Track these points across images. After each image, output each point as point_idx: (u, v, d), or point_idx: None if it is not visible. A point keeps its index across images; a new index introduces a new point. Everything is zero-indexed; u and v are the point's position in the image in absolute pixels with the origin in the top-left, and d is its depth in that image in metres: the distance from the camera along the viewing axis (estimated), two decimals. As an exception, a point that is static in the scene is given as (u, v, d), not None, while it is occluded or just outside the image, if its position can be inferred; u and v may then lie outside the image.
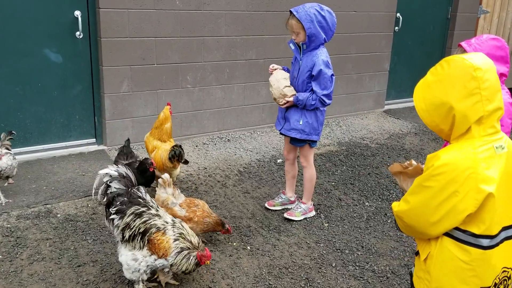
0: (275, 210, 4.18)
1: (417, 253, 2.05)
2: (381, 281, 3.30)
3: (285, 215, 4.05)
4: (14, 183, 4.29)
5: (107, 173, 3.03)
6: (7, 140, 4.09)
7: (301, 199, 4.15)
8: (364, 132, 6.45)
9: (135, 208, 2.93)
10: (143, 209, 2.94)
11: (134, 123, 5.35)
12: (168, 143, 4.32)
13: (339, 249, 3.65)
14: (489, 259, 1.86)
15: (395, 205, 2.03)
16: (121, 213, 2.94)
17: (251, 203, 4.30)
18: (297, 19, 3.59)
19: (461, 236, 1.86)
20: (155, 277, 3.11)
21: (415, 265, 2.11)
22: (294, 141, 3.94)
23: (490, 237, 1.85)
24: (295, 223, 3.99)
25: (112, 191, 3.00)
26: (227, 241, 3.66)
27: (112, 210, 2.97)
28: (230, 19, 5.65)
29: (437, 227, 1.87)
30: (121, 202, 2.96)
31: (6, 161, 3.88)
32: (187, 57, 5.49)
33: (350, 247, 3.69)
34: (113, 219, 2.95)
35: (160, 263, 2.87)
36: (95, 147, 5.30)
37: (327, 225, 4.01)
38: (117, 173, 3.05)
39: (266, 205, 4.21)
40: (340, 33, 6.14)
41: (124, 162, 4.03)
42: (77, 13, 4.89)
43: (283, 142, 5.75)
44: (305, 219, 4.05)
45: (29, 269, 3.20)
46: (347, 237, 3.84)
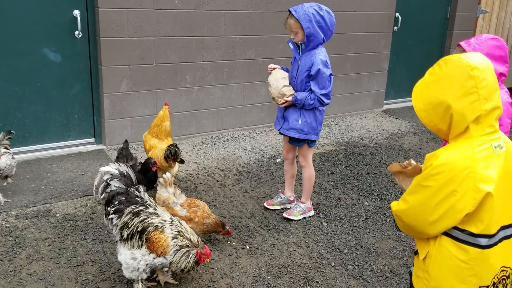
0: (274, 209, 4.18)
1: (416, 253, 2.05)
2: (380, 281, 3.31)
3: (284, 215, 4.05)
4: (13, 183, 4.29)
5: (107, 171, 3.03)
6: (6, 139, 4.09)
7: (300, 199, 4.16)
8: (363, 131, 6.45)
9: (133, 207, 2.93)
10: (141, 208, 2.94)
11: (133, 123, 5.35)
12: (165, 141, 4.32)
13: (338, 249, 3.66)
14: (487, 258, 1.86)
15: (394, 205, 2.03)
16: (119, 212, 2.94)
17: (250, 203, 4.30)
18: (295, 18, 3.59)
19: (460, 235, 1.87)
20: (154, 276, 3.11)
21: (414, 265, 2.11)
22: (293, 141, 3.94)
23: (488, 236, 1.85)
24: (294, 222, 4.00)
25: (111, 189, 3.00)
26: (226, 241, 3.66)
27: (110, 209, 2.97)
28: (229, 19, 5.65)
29: (436, 226, 1.87)
30: (119, 201, 2.96)
31: (5, 161, 3.88)
32: (186, 56, 5.49)
33: (349, 246, 3.70)
34: (111, 219, 2.96)
35: (159, 261, 2.87)
36: (94, 147, 5.30)
37: (326, 224, 4.02)
38: (117, 172, 3.05)
39: (265, 204, 4.22)
40: (339, 33, 6.15)
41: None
42: (76, 13, 4.89)
43: (282, 141, 5.75)
44: (304, 218, 4.06)
45: (28, 269, 3.20)
46: (346, 236, 3.84)
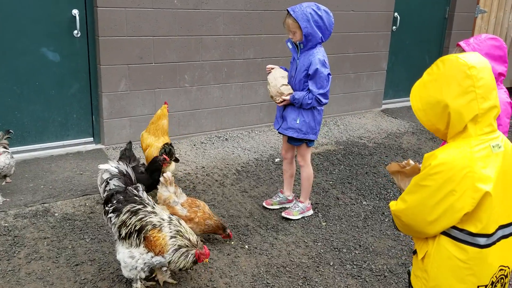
0: (273, 209, 4.18)
1: (415, 252, 2.06)
2: (379, 280, 3.31)
3: (283, 214, 4.05)
4: (11, 182, 4.29)
5: (106, 170, 3.03)
6: (5, 139, 4.08)
7: (299, 198, 4.16)
8: (361, 131, 6.46)
9: (131, 206, 2.93)
10: (139, 206, 2.94)
11: (131, 122, 5.35)
12: (161, 140, 4.31)
13: (337, 248, 3.66)
14: (486, 257, 1.87)
15: (392, 204, 2.04)
16: (117, 211, 2.94)
17: (249, 202, 4.30)
18: (293, 18, 3.59)
19: (458, 235, 1.87)
20: (153, 276, 3.11)
21: (412, 264, 2.12)
22: (291, 140, 3.94)
23: (487, 235, 1.86)
24: (293, 222, 4.00)
25: (110, 188, 3.00)
26: (225, 240, 3.66)
27: (108, 208, 2.97)
28: (228, 18, 5.65)
29: (435, 226, 1.88)
30: (117, 200, 2.96)
31: (3, 160, 3.88)
32: (185, 56, 5.49)
33: (347, 246, 3.70)
34: (110, 217, 2.96)
35: (157, 260, 2.86)
36: (92, 146, 5.29)
37: (325, 224, 4.02)
38: (117, 170, 3.04)
39: (264, 204, 4.22)
40: (338, 33, 6.15)
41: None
42: (75, 12, 4.88)
43: (281, 141, 5.76)
44: (302, 218, 4.06)
45: (27, 268, 3.20)
46: (344, 236, 3.85)
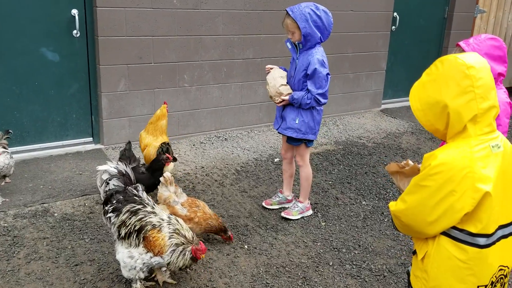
0: (273, 209, 4.18)
1: (414, 253, 2.06)
2: (378, 280, 3.31)
3: (282, 214, 4.05)
4: (11, 182, 4.28)
5: (105, 170, 3.03)
6: (4, 139, 4.08)
7: (298, 198, 4.16)
8: (361, 131, 6.46)
9: (131, 206, 2.93)
10: (139, 206, 2.93)
11: (131, 122, 5.35)
12: (160, 139, 4.31)
13: (336, 248, 3.66)
14: (486, 257, 1.87)
15: (392, 205, 2.04)
16: (117, 210, 2.93)
17: (248, 202, 4.30)
18: (292, 18, 3.60)
19: (458, 235, 1.87)
20: (153, 276, 3.11)
21: (412, 264, 2.12)
22: (290, 140, 3.94)
23: (487, 236, 1.86)
24: (292, 222, 4.00)
25: (110, 188, 3.00)
26: (225, 240, 3.66)
27: (108, 208, 2.97)
28: (227, 18, 5.65)
29: (435, 226, 1.88)
30: (117, 200, 2.96)
31: (3, 160, 3.87)
32: (185, 56, 5.49)
33: (347, 246, 3.70)
34: (109, 217, 2.96)
35: (155, 260, 2.86)
36: (92, 146, 5.29)
37: (324, 224, 4.02)
38: (116, 171, 3.04)
39: (263, 204, 4.22)
40: (337, 33, 6.15)
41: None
42: (74, 12, 4.88)
43: (280, 141, 5.76)
44: (302, 218, 4.06)
45: (26, 268, 3.20)
46: (344, 236, 3.85)
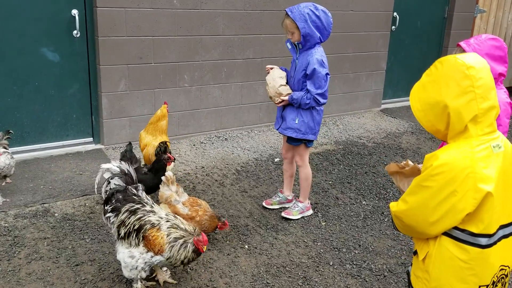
0: (273, 209, 4.19)
1: (415, 253, 2.05)
2: (378, 280, 3.32)
3: (283, 214, 4.06)
4: (11, 182, 4.28)
5: (108, 169, 3.03)
6: (5, 139, 4.08)
7: (298, 198, 4.17)
8: (361, 131, 6.47)
9: (130, 205, 2.93)
10: (138, 206, 2.94)
11: (131, 122, 5.35)
12: (159, 138, 4.32)
13: (337, 248, 3.67)
14: (487, 257, 1.87)
15: (393, 205, 2.03)
16: (116, 210, 2.94)
17: (248, 202, 4.31)
18: (291, 19, 3.61)
19: (460, 235, 1.87)
20: (154, 276, 3.11)
21: (412, 265, 2.12)
22: (290, 140, 3.94)
23: (488, 236, 1.86)
24: (292, 222, 4.00)
25: (111, 187, 3.00)
26: (225, 240, 3.67)
27: (108, 208, 2.97)
28: (227, 18, 5.65)
29: (436, 226, 1.88)
30: (116, 199, 2.97)
31: (3, 160, 3.88)
32: (185, 56, 5.49)
33: (347, 245, 3.71)
34: (109, 217, 2.96)
35: (156, 259, 2.85)
36: (92, 146, 5.29)
37: (325, 224, 4.03)
38: (118, 170, 3.04)
39: (263, 204, 4.22)
40: (337, 32, 6.16)
41: None
42: (75, 12, 4.88)
43: (280, 141, 5.77)
44: (302, 218, 4.07)
45: (27, 268, 3.20)
46: (344, 235, 3.85)
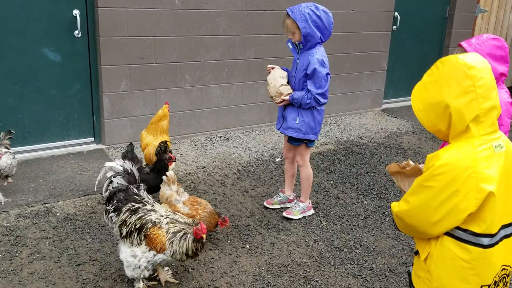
0: (274, 208, 4.19)
1: (417, 253, 2.05)
2: (380, 279, 3.32)
3: (284, 214, 4.06)
4: (13, 182, 4.29)
5: (112, 167, 3.03)
6: (6, 139, 4.09)
7: (300, 198, 4.17)
8: (362, 131, 6.47)
9: (131, 204, 2.94)
10: (139, 205, 2.94)
11: (132, 122, 5.36)
12: (160, 138, 4.32)
13: (338, 248, 3.67)
14: (489, 257, 1.87)
15: (394, 206, 2.03)
16: (117, 210, 2.95)
17: (250, 202, 4.31)
18: (292, 19, 3.61)
19: (462, 235, 1.87)
20: (155, 275, 3.12)
21: (414, 264, 2.11)
22: (291, 140, 3.95)
23: (490, 235, 1.86)
24: (293, 221, 4.01)
25: (114, 186, 3.00)
26: (226, 240, 3.67)
27: (109, 208, 2.98)
28: (228, 18, 5.66)
29: (438, 226, 1.88)
30: (118, 199, 2.97)
31: (5, 160, 3.88)
32: (186, 56, 5.49)
33: (348, 245, 3.71)
34: (111, 217, 2.97)
35: (159, 258, 2.86)
36: (93, 146, 5.30)
37: (326, 223, 4.03)
38: (122, 169, 3.05)
39: (265, 203, 4.23)
40: (338, 32, 6.16)
41: None
42: (76, 12, 4.89)
43: (281, 141, 5.77)
44: (303, 217, 4.07)
45: (29, 268, 3.21)
46: (345, 235, 3.86)
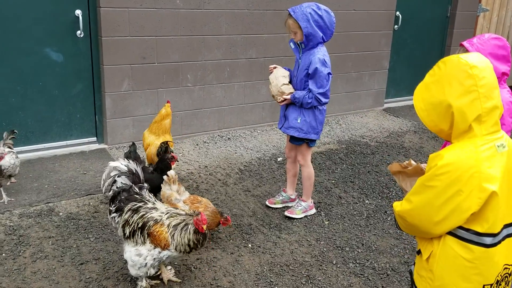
0: (276, 208, 4.20)
1: (419, 252, 2.05)
2: (381, 278, 3.33)
3: (286, 213, 4.07)
4: (16, 182, 4.31)
5: (116, 167, 3.04)
6: (9, 139, 4.11)
7: (301, 197, 4.18)
8: (363, 130, 6.47)
9: (132, 204, 2.95)
10: (140, 204, 2.95)
11: (134, 122, 5.37)
12: (162, 138, 4.33)
13: (340, 247, 3.68)
14: (492, 257, 1.88)
15: (397, 205, 2.03)
16: (120, 210, 2.96)
17: (252, 201, 4.32)
18: (294, 18, 3.62)
19: (465, 234, 1.87)
20: (158, 273, 3.13)
21: (416, 264, 2.11)
22: (292, 140, 3.95)
23: (493, 235, 1.86)
24: (295, 221, 4.02)
25: (117, 186, 3.01)
26: (229, 239, 3.68)
27: (112, 208, 2.99)
28: (230, 18, 5.66)
29: (441, 226, 1.88)
30: (119, 199, 2.99)
31: (8, 160, 3.90)
32: (188, 56, 5.50)
33: (350, 244, 3.72)
34: (114, 217, 2.98)
35: (164, 254, 2.87)
36: (96, 146, 5.31)
37: (328, 222, 4.04)
38: (126, 168, 3.05)
39: (267, 203, 4.24)
40: (339, 32, 6.16)
41: None
42: (78, 12, 4.90)
43: (283, 140, 5.78)
44: (305, 217, 4.08)
45: (32, 267, 3.22)
46: (347, 234, 3.86)
